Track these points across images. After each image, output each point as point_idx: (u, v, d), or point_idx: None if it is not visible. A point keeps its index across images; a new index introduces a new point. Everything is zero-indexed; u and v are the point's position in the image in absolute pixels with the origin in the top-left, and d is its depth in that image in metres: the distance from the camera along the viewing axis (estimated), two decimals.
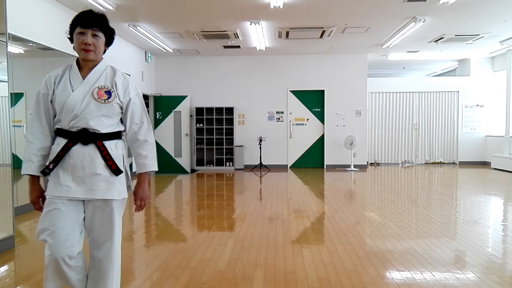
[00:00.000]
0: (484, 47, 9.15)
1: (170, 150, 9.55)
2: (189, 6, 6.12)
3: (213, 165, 10.11)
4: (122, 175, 1.88)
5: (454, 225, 4.27)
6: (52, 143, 1.84)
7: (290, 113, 10.09)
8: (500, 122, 10.07)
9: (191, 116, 9.89)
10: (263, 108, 10.09)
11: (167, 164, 9.36)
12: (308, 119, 10.15)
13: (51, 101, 1.80)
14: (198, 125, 10.08)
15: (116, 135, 1.88)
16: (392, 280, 2.73)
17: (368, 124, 10.33)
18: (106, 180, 1.81)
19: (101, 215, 1.83)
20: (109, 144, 1.84)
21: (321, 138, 10.14)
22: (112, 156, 1.83)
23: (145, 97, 9.17)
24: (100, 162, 1.80)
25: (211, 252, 3.35)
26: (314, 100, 10.10)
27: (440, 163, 10.70)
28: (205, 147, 10.12)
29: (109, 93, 1.82)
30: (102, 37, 1.81)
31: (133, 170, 3.41)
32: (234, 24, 7.11)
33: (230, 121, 10.03)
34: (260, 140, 9.83)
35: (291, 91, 10.07)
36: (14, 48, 5.04)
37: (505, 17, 6.76)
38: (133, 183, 1.98)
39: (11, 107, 4.19)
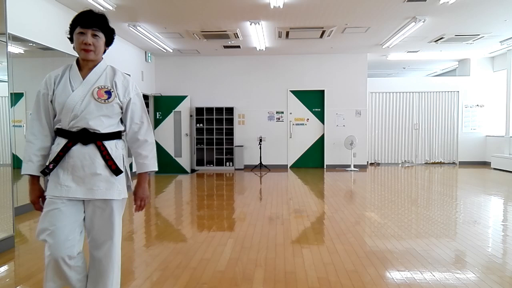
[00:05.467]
0: (484, 47, 9.15)
1: (170, 150, 9.55)
2: (189, 6, 6.12)
3: (213, 165, 10.11)
4: (122, 175, 1.88)
5: (454, 225, 4.27)
6: (52, 143, 1.84)
7: (290, 113, 10.09)
8: (500, 122, 10.06)
9: (191, 116, 9.89)
10: (263, 108, 10.09)
11: (167, 164, 9.36)
12: (308, 119, 10.15)
13: (51, 101, 1.80)
14: (198, 125, 10.08)
15: (116, 135, 1.88)
16: (392, 280, 2.73)
17: (368, 124, 10.33)
18: (106, 180, 1.81)
19: (101, 215, 1.83)
20: (109, 144, 1.84)
21: (321, 138, 10.13)
22: (112, 156, 1.83)
23: (145, 97, 9.17)
24: (100, 162, 1.80)
25: (211, 252, 3.35)
26: (314, 100, 10.10)
27: (440, 163, 10.70)
28: (205, 147, 10.11)
29: (109, 93, 1.82)
30: (102, 37, 1.81)
31: (133, 170, 3.41)
32: (234, 24, 7.11)
33: (230, 121, 10.03)
34: (260, 140, 9.83)
35: (291, 91, 10.07)
36: (14, 48, 5.04)
37: (505, 17, 6.76)
38: (133, 183, 1.98)
39: (11, 107, 4.19)
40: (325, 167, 10.07)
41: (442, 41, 8.35)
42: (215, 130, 10.07)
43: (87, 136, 1.79)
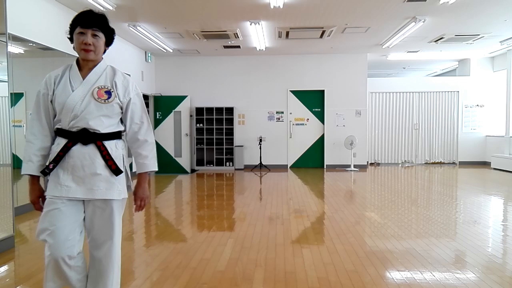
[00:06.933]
0: (484, 47, 9.15)
1: (170, 150, 9.55)
2: (189, 6, 6.12)
3: (213, 165, 10.11)
4: (122, 175, 1.88)
5: (454, 225, 4.27)
6: (52, 143, 1.84)
7: (290, 113, 10.09)
8: (500, 122, 10.06)
9: (191, 116, 9.89)
10: (263, 108, 10.09)
11: (167, 164, 9.36)
12: (308, 119, 10.15)
13: (51, 101, 1.80)
14: (198, 125, 10.08)
15: (116, 135, 1.88)
16: (392, 280, 2.73)
17: (368, 124, 10.32)
18: (106, 180, 1.81)
19: (101, 215, 1.83)
20: (109, 144, 1.84)
21: (321, 138, 10.13)
22: (112, 156, 1.83)
23: (145, 97, 9.17)
24: (100, 162, 1.80)
25: (211, 252, 3.35)
26: (314, 100, 10.10)
27: (440, 163, 10.70)
28: (205, 147, 10.11)
29: (109, 93, 1.82)
30: (102, 37, 1.81)
31: (133, 170, 3.41)
32: (234, 24, 7.11)
33: (230, 121, 10.03)
34: (260, 140, 9.83)
35: (291, 91, 10.07)
36: (14, 48, 5.04)
37: (505, 17, 6.76)
38: (133, 183, 1.98)
39: (11, 107, 4.19)
40: (325, 167, 10.07)
41: (442, 41, 8.35)
42: (215, 130, 10.07)
43: (87, 136, 1.79)
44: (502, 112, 9.95)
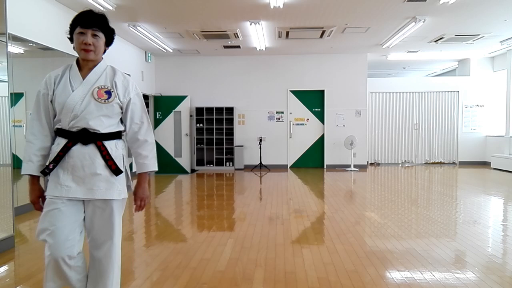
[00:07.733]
0: (484, 47, 9.15)
1: (170, 150, 9.55)
2: (189, 6, 6.12)
3: (213, 165, 10.11)
4: (122, 175, 1.88)
5: (454, 225, 4.27)
6: (52, 143, 1.84)
7: (290, 113, 10.09)
8: (500, 122, 10.06)
9: (191, 116, 9.89)
10: (263, 108, 10.09)
11: (167, 164, 9.36)
12: (308, 119, 10.15)
13: (51, 101, 1.80)
14: (198, 125, 10.08)
15: (116, 135, 1.88)
16: (392, 280, 2.73)
17: (368, 124, 10.32)
18: (106, 180, 1.81)
19: (101, 215, 1.83)
20: (109, 144, 1.84)
21: (321, 138, 10.13)
22: (112, 156, 1.83)
23: (145, 97, 9.17)
24: (100, 162, 1.80)
25: (211, 252, 3.35)
26: (314, 100, 10.10)
27: (440, 163, 10.70)
28: (205, 147, 10.11)
29: (109, 93, 1.82)
30: (102, 37, 1.81)
31: (133, 170, 3.41)
32: (234, 24, 7.11)
33: (230, 121, 10.03)
34: (260, 140, 9.83)
35: (291, 91, 10.07)
36: (14, 48, 5.04)
37: (505, 17, 6.76)
38: (133, 183, 1.98)
39: (11, 107, 4.19)
40: (325, 167, 10.07)
41: (442, 41, 8.35)
42: (215, 130, 10.07)
43: (87, 136, 1.79)
44: (502, 112, 9.95)
